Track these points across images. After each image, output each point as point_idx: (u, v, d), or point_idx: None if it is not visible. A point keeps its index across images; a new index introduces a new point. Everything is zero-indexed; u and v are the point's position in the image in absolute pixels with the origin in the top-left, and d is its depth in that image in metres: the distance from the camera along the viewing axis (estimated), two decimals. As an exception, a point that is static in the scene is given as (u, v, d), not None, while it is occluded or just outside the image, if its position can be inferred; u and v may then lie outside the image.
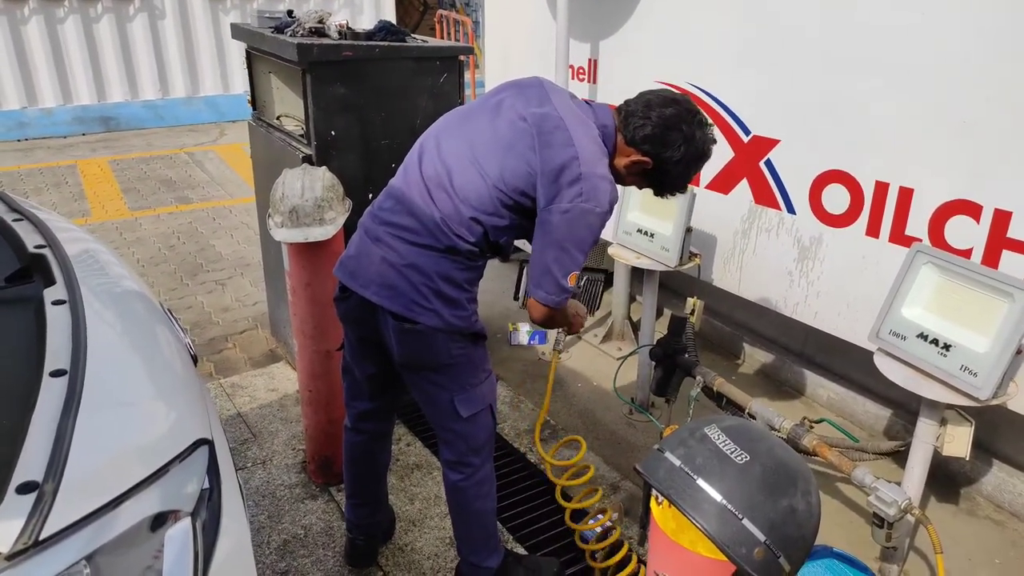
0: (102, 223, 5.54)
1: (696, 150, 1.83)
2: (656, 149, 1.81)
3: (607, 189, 1.73)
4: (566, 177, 1.69)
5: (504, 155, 1.75)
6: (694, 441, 1.32)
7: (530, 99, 1.80)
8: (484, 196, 1.76)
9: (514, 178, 1.74)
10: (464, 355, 1.90)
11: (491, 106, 1.85)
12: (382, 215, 1.87)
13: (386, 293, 1.82)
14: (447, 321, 1.83)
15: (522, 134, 1.75)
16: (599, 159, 1.75)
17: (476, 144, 1.79)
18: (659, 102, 1.81)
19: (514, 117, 1.78)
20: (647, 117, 1.79)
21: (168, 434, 1.30)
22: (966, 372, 2.08)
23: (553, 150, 1.71)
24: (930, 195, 2.42)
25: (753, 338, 3.74)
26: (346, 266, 1.91)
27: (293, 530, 2.54)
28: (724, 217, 3.08)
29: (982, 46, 2.22)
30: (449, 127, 1.89)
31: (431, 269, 1.80)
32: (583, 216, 1.70)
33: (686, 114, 1.81)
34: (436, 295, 1.81)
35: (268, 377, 3.48)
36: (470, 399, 1.95)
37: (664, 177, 1.89)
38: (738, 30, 2.87)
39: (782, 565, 1.22)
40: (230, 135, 8.35)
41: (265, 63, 3.26)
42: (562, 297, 1.80)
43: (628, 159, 1.85)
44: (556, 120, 1.74)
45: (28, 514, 1.00)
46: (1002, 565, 2.54)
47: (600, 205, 1.71)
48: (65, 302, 1.51)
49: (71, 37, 7.98)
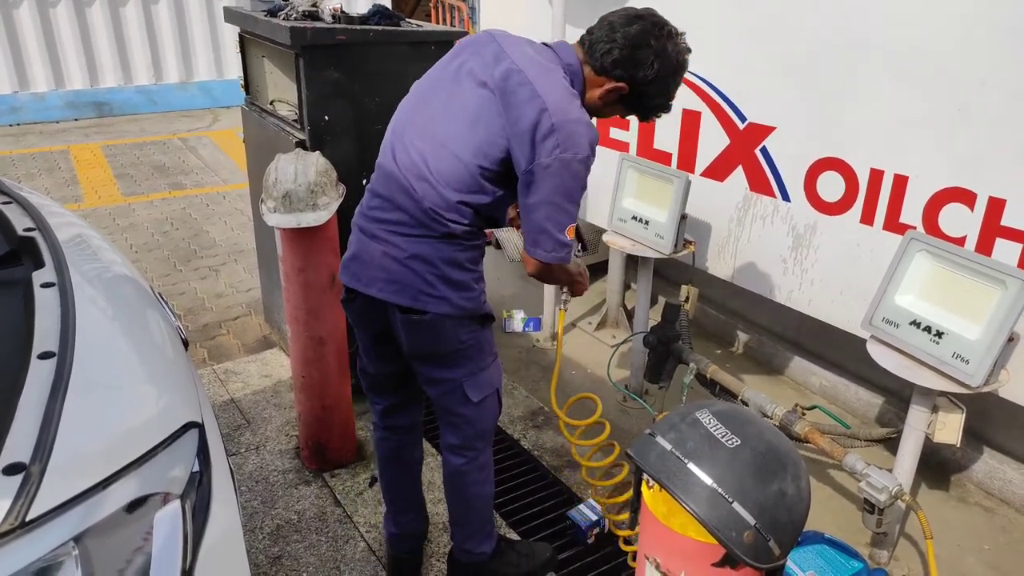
0: (95, 208, 5.51)
1: (670, 63, 1.75)
2: (628, 71, 1.73)
3: (584, 132, 1.65)
4: (540, 132, 1.62)
5: (473, 130, 1.70)
6: (685, 425, 1.32)
7: (486, 59, 1.72)
8: (465, 177, 1.71)
9: (491, 149, 1.68)
10: (473, 338, 1.88)
11: (450, 76, 1.78)
12: (372, 214, 1.84)
13: (392, 288, 1.79)
14: (457, 305, 1.80)
15: (486, 102, 1.69)
16: (569, 103, 1.67)
17: (444, 126, 1.74)
18: (622, 21, 1.72)
19: (474, 85, 1.72)
20: (612, 40, 1.72)
21: (157, 417, 1.29)
22: (958, 359, 2.09)
23: (520, 108, 1.64)
24: (925, 183, 2.42)
25: (747, 326, 3.75)
26: (348, 268, 1.89)
27: (286, 515, 2.55)
28: (719, 204, 3.07)
29: (977, 32, 2.21)
30: (412, 114, 1.82)
31: (434, 256, 1.77)
32: (566, 167, 1.64)
33: (652, 28, 1.72)
34: (443, 281, 1.78)
35: (261, 363, 3.47)
36: (479, 383, 1.94)
37: (643, 100, 1.81)
38: (734, 17, 2.85)
39: (772, 548, 1.22)
40: (224, 121, 8.29)
41: (258, 47, 3.23)
42: (564, 252, 1.74)
43: (602, 89, 1.78)
44: (517, 75, 1.66)
45: (15, 495, 1.00)
46: (992, 551, 2.56)
47: (580, 151, 1.64)
48: (54, 285, 1.50)
49: (63, 21, 7.90)
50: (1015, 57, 2.14)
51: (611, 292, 3.99)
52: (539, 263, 1.76)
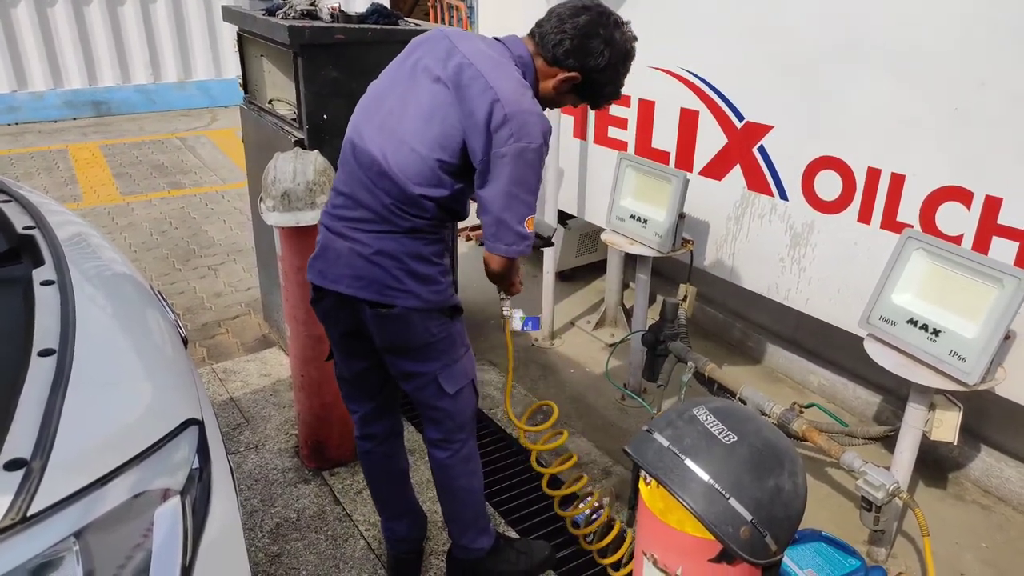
0: (93, 208, 5.51)
1: (619, 51, 1.80)
2: (580, 60, 1.78)
3: (536, 122, 1.69)
4: (493, 123, 1.66)
5: (430, 124, 1.72)
6: (682, 422, 1.32)
7: (439, 55, 1.76)
8: (424, 171, 1.73)
9: (448, 141, 1.71)
10: (444, 331, 1.90)
11: (406, 73, 1.81)
12: (337, 212, 1.86)
13: (359, 284, 1.81)
14: (424, 299, 1.83)
15: (441, 96, 1.72)
16: (521, 94, 1.70)
17: (401, 122, 1.76)
18: (570, 13, 1.77)
19: (429, 81, 1.75)
20: (562, 31, 1.76)
21: (157, 414, 1.30)
22: (955, 357, 2.09)
23: (474, 101, 1.68)
24: (922, 181, 2.43)
25: (745, 324, 3.76)
26: (314, 267, 1.91)
27: (286, 514, 2.55)
28: (717, 203, 3.08)
29: (975, 32, 2.22)
30: (370, 112, 1.84)
31: (399, 251, 1.79)
32: (520, 155, 1.67)
33: (600, 17, 1.78)
34: (409, 275, 1.80)
35: (261, 362, 3.48)
36: (453, 375, 1.96)
37: (595, 87, 1.86)
38: (732, 16, 2.86)
39: (768, 544, 1.23)
40: (222, 120, 8.30)
41: (257, 46, 3.23)
42: (524, 244, 1.77)
43: (555, 79, 1.82)
44: (469, 69, 1.70)
45: (16, 490, 1.01)
46: (989, 549, 2.57)
47: (533, 139, 1.68)
48: (54, 282, 1.50)
49: (62, 20, 7.90)
50: (1013, 57, 2.15)
51: (609, 291, 4.00)
52: (502, 259, 1.79)
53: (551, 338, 3.85)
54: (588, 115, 3.59)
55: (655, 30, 3.20)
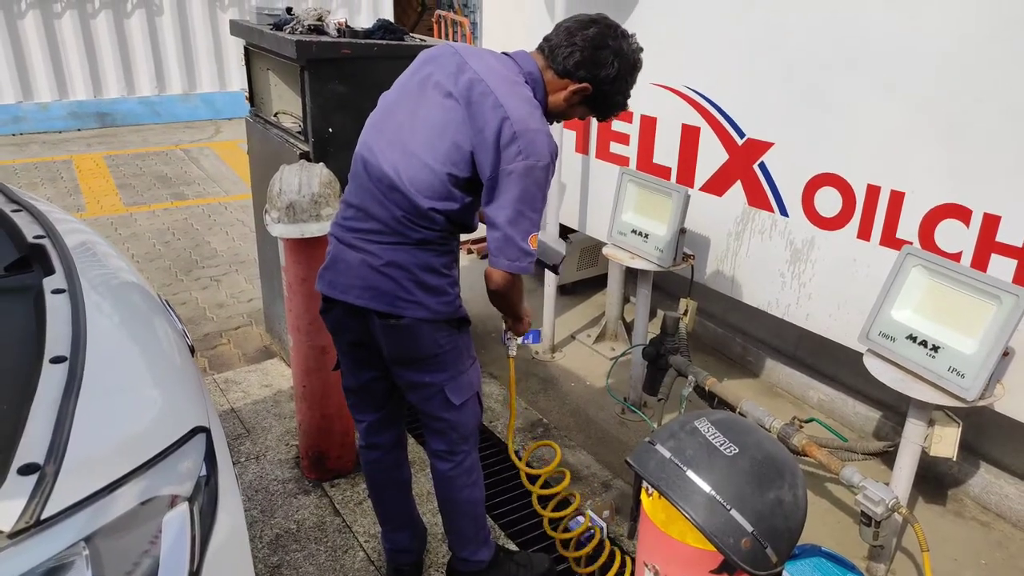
0: (96, 218, 5.53)
1: (628, 62, 1.84)
2: (591, 72, 1.82)
3: (544, 141, 1.72)
4: (502, 140, 1.69)
5: (441, 139, 1.75)
6: (684, 434, 1.34)
7: (450, 70, 1.79)
8: (435, 184, 1.76)
9: (458, 156, 1.74)
10: (451, 342, 1.92)
11: (416, 88, 1.84)
12: (347, 223, 1.88)
13: (369, 295, 1.83)
14: (433, 310, 1.85)
15: (452, 111, 1.75)
16: (530, 113, 1.74)
17: (413, 135, 1.79)
18: (578, 26, 1.81)
19: (440, 96, 1.78)
20: (572, 44, 1.80)
21: (166, 421, 1.31)
22: (954, 373, 2.11)
23: (484, 117, 1.71)
24: (921, 199, 2.45)
25: (745, 339, 3.77)
26: (324, 278, 1.93)
27: (286, 525, 2.55)
28: (718, 219, 3.11)
29: (972, 49, 2.25)
30: (381, 127, 1.87)
31: (409, 263, 1.82)
32: (528, 173, 1.70)
33: (608, 30, 1.82)
34: (419, 286, 1.83)
35: (262, 373, 3.49)
36: (460, 387, 1.97)
37: (605, 98, 1.89)
38: (733, 33, 2.90)
39: (769, 556, 1.24)
40: (226, 132, 8.35)
41: (263, 60, 3.27)
42: (527, 261, 1.79)
43: (566, 91, 1.85)
44: (480, 85, 1.73)
45: (30, 495, 1.02)
46: (988, 566, 2.57)
47: (541, 158, 1.71)
48: (64, 291, 1.52)
49: (68, 32, 7.97)
50: (1011, 75, 2.18)
51: (610, 305, 4.02)
52: (504, 274, 1.81)
53: (552, 351, 3.86)
54: (590, 130, 3.62)
55: (657, 47, 3.23)
